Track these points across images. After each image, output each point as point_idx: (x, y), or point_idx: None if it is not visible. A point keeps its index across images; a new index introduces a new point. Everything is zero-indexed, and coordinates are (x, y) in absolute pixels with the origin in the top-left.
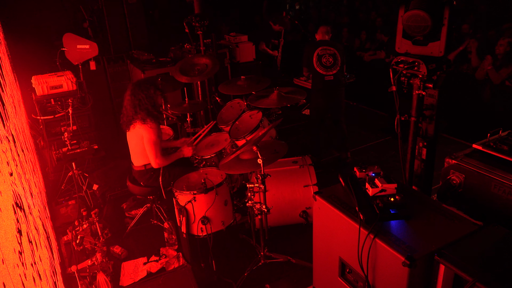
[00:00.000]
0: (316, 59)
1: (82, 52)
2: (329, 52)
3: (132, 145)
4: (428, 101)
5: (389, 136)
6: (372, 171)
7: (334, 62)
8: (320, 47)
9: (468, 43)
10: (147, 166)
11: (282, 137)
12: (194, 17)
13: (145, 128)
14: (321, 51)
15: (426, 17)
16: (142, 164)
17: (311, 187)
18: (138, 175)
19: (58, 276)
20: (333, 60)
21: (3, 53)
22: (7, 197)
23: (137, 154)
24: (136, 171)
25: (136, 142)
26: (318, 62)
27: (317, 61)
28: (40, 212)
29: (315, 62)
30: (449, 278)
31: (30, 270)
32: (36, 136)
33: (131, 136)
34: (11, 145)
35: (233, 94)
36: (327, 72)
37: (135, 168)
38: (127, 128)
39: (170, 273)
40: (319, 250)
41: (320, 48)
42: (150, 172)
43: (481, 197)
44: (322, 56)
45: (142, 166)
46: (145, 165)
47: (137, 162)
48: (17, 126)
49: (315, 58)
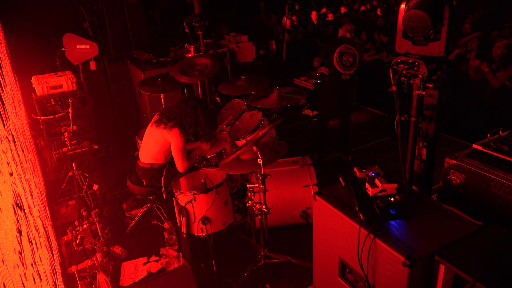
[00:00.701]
0: (337, 56)
1: (82, 52)
2: (351, 51)
3: (150, 141)
4: (428, 101)
5: (389, 136)
6: (372, 171)
7: (353, 62)
8: (343, 45)
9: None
10: (153, 165)
11: (282, 137)
12: (194, 17)
13: (173, 134)
14: (343, 49)
15: (426, 17)
16: (148, 162)
17: (311, 187)
18: (142, 171)
19: (58, 276)
20: (352, 60)
21: (3, 53)
22: (7, 197)
23: (149, 151)
24: (140, 167)
25: (156, 141)
26: (339, 60)
27: (337, 58)
28: (40, 212)
29: (336, 59)
30: (449, 278)
31: (30, 270)
32: (36, 136)
33: (154, 133)
34: (11, 145)
35: (233, 94)
36: (345, 71)
37: (141, 164)
38: (158, 125)
39: (170, 273)
40: (319, 250)
41: (342, 46)
42: (154, 171)
43: (481, 197)
44: (343, 54)
45: (148, 164)
46: (151, 164)
47: (144, 158)
48: (17, 126)
49: (336, 55)
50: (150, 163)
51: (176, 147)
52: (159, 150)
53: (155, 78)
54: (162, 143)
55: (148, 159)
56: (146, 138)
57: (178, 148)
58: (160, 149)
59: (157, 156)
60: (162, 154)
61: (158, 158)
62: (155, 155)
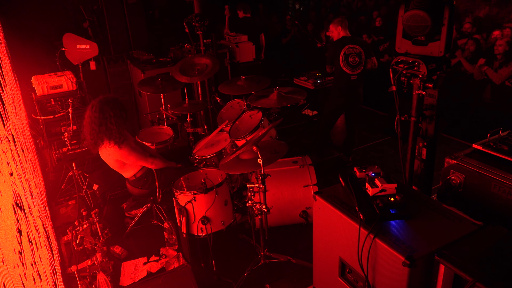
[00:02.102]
0: (342, 58)
1: (82, 52)
2: (356, 51)
3: (112, 163)
4: (428, 101)
5: (389, 136)
6: (372, 171)
7: (359, 61)
8: (346, 46)
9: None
10: (137, 174)
11: (282, 137)
12: (194, 17)
13: (114, 150)
14: (347, 50)
15: (426, 17)
16: (132, 174)
17: (311, 187)
18: (133, 183)
19: (58, 276)
20: (358, 59)
21: (3, 53)
22: (7, 197)
23: (120, 169)
24: (130, 181)
25: (113, 160)
26: (345, 61)
27: (343, 61)
28: (40, 212)
29: (342, 61)
30: (449, 278)
31: (30, 270)
32: (36, 136)
33: (105, 154)
34: (11, 145)
35: (233, 94)
36: (353, 72)
37: (129, 179)
38: (95, 149)
39: (170, 273)
40: (319, 250)
41: (346, 47)
42: (143, 178)
43: (481, 197)
44: (349, 55)
45: (133, 176)
46: (135, 174)
47: (126, 174)
48: (17, 126)
49: (342, 57)
50: (133, 174)
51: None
52: (125, 163)
53: (155, 78)
54: (118, 158)
55: (129, 173)
56: (108, 163)
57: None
58: (125, 163)
59: (131, 168)
60: (132, 165)
61: (134, 168)
62: (128, 168)
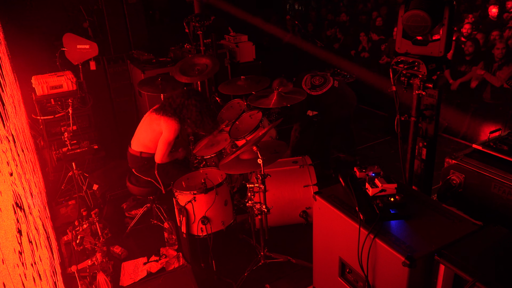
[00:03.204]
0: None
1: (82, 52)
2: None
3: (144, 128)
4: (428, 101)
5: (389, 136)
6: (372, 171)
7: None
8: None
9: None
10: (143, 154)
11: (282, 137)
12: (194, 17)
13: (169, 124)
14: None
15: (426, 17)
16: (139, 150)
17: (311, 187)
18: (131, 159)
19: (58, 276)
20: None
21: (3, 53)
22: (7, 197)
23: (142, 138)
24: (130, 154)
25: (152, 129)
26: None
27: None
28: (40, 212)
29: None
30: (449, 278)
31: (30, 270)
32: (36, 136)
33: (151, 121)
34: (11, 145)
35: (233, 94)
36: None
37: (131, 151)
38: (157, 112)
39: (170, 273)
40: (319, 250)
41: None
42: (144, 161)
43: (481, 197)
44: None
45: (138, 152)
46: (141, 152)
47: (135, 146)
48: (17, 126)
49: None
50: (140, 151)
51: (167, 138)
52: (152, 138)
53: (155, 78)
54: (157, 131)
55: (139, 147)
56: (142, 125)
57: (167, 140)
58: (153, 138)
59: (148, 144)
60: (154, 144)
61: (149, 147)
62: (147, 143)
